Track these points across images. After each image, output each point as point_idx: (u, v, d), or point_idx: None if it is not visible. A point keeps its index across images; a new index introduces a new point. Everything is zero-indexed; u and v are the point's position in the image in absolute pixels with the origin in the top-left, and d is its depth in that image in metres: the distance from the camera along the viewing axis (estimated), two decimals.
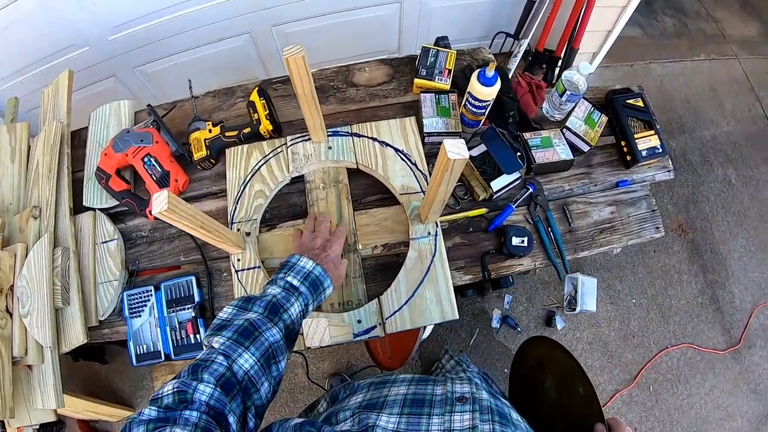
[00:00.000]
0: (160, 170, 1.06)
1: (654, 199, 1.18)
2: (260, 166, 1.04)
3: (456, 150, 0.65)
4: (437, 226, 0.97)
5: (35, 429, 1.08)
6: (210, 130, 1.11)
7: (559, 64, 1.99)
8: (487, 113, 1.10)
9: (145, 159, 1.06)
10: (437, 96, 1.12)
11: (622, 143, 1.18)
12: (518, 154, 1.06)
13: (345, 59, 1.74)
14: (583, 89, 1.12)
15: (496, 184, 1.04)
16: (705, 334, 2.09)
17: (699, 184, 2.35)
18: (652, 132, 1.18)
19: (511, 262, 1.05)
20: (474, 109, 1.05)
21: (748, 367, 2.09)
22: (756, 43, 2.81)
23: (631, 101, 1.21)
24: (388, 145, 1.04)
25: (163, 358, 0.98)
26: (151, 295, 1.01)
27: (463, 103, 1.08)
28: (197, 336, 0.98)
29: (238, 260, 0.96)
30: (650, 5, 2.78)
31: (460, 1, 1.87)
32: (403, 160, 1.03)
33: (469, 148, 1.08)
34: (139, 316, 1.01)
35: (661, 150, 1.16)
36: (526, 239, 1.03)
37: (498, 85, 1.01)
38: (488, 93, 1.00)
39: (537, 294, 2.08)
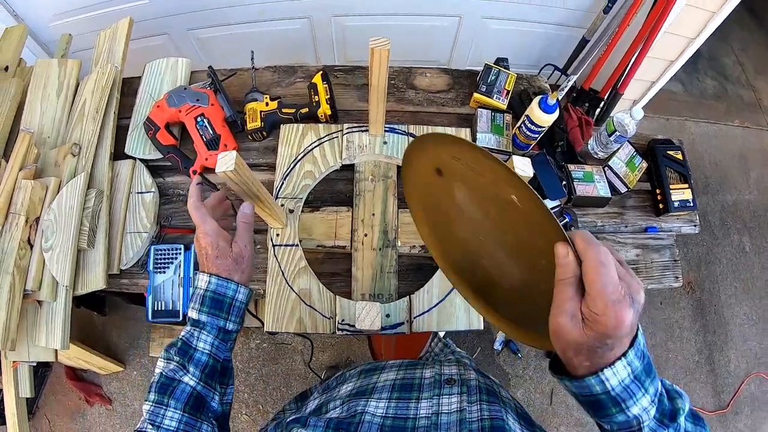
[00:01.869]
0: (211, 132, 1.08)
1: (678, 249, 1.22)
2: (313, 148, 1.07)
3: (523, 167, 0.69)
4: None
5: (31, 366, 1.09)
6: (267, 103, 1.13)
7: (602, 105, 2.04)
8: (538, 139, 1.13)
9: (198, 119, 1.08)
10: (493, 114, 1.15)
11: (657, 191, 1.23)
12: (563, 183, 1.09)
13: (394, 62, 1.79)
14: (631, 133, 1.16)
15: None
16: (696, 392, 2.12)
17: (714, 245, 2.40)
18: (687, 186, 1.22)
19: None
20: (528, 133, 1.09)
21: None
22: None
23: (671, 152, 1.26)
24: None
25: (180, 318, 0.99)
26: (180, 253, 1.03)
27: (518, 125, 1.12)
28: None
29: (277, 235, 0.99)
30: (694, 64, 2.84)
31: (518, 26, 1.91)
32: None
33: None
34: (164, 272, 1.02)
35: (692, 204, 1.20)
36: None
37: (557, 114, 1.04)
38: (546, 120, 1.04)
39: None
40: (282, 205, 1.02)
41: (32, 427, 1.75)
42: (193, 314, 0.63)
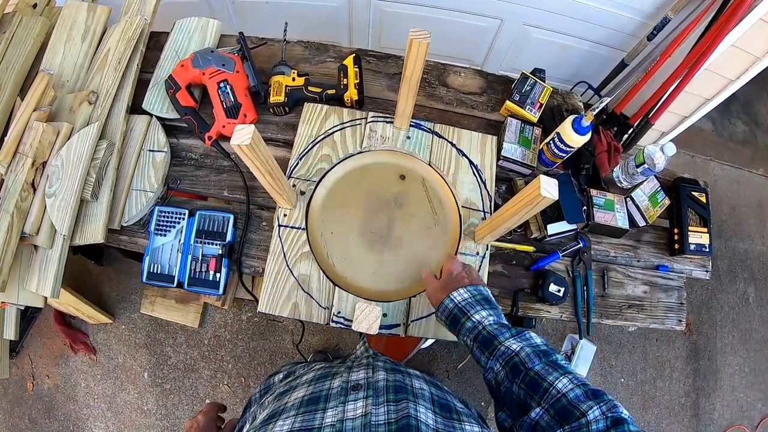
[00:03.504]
0: (232, 100, 1.05)
1: (686, 293, 1.19)
2: (334, 131, 1.04)
3: (549, 188, 0.66)
4: (487, 249, 0.97)
5: (19, 309, 1.07)
6: (294, 79, 1.10)
7: (630, 132, 1.99)
8: (565, 159, 1.10)
9: (221, 84, 1.05)
10: (523, 125, 1.11)
11: (675, 230, 1.19)
12: (584, 207, 1.06)
13: (429, 55, 1.74)
14: (660, 168, 1.12)
15: (553, 228, 1.04)
16: None
17: (718, 291, 2.36)
18: (706, 230, 1.19)
19: (540, 307, 1.05)
20: (557, 151, 1.05)
21: None
22: None
23: (695, 194, 1.22)
24: (464, 154, 1.04)
25: (174, 284, 0.97)
26: (183, 218, 1.00)
27: (546, 141, 1.08)
28: (217, 274, 0.96)
29: (285, 215, 0.96)
30: (728, 105, 2.77)
31: (558, 39, 1.86)
32: (474, 174, 1.03)
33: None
34: (164, 235, 1.00)
35: (708, 250, 1.17)
36: (563, 290, 1.03)
37: (588, 136, 1.01)
38: (578, 140, 1.00)
39: None
40: (294, 186, 0.99)
41: (13, 365, 1.76)
42: None
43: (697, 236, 1.17)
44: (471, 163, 1.04)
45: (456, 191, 1.01)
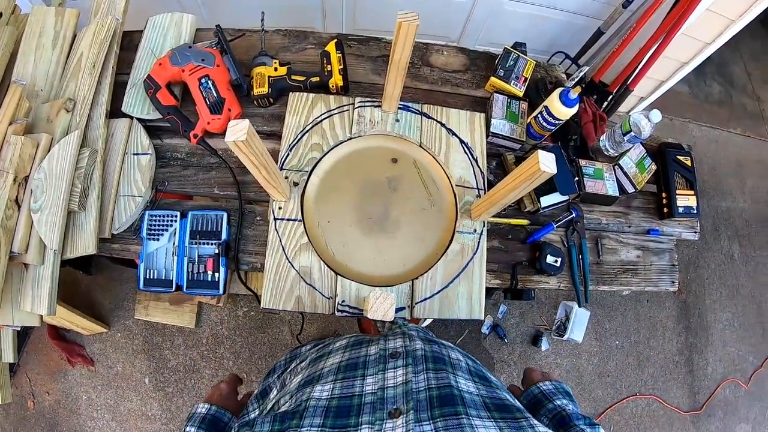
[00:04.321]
0: (215, 95, 1.03)
1: (677, 254, 1.22)
2: (323, 119, 1.03)
3: (548, 163, 0.67)
4: (484, 225, 0.98)
5: (15, 330, 1.05)
6: (276, 69, 1.08)
7: (610, 99, 2.01)
8: (553, 131, 1.11)
9: (202, 80, 1.03)
10: (509, 100, 1.12)
11: (663, 195, 1.22)
12: (575, 178, 1.07)
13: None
14: (646, 135, 1.14)
15: (546, 200, 1.06)
16: (673, 391, 2.17)
17: (704, 250, 2.43)
18: (692, 192, 1.22)
19: (539, 278, 1.07)
20: (545, 124, 1.06)
21: None
22: None
23: (681, 158, 1.25)
24: (454, 133, 1.04)
25: (173, 288, 0.96)
26: (176, 220, 0.98)
27: (534, 115, 1.09)
28: (215, 274, 0.95)
29: (279, 208, 0.96)
30: (703, 68, 2.81)
31: (533, 10, 1.86)
32: (465, 152, 1.03)
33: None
34: (157, 239, 0.97)
35: (695, 211, 1.20)
36: (560, 260, 1.05)
37: (576, 108, 1.02)
38: (566, 113, 1.01)
39: (531, 311, 2.13)
40: (286, 177, 0.98)
41: (12, 385, 1.72)
42: (190, 429, 0.67)
43: (685, 199, 1.21)
44: (461, 141, 1.04)
45: (449, 171, 1.01)
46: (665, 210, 1.20)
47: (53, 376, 1.74)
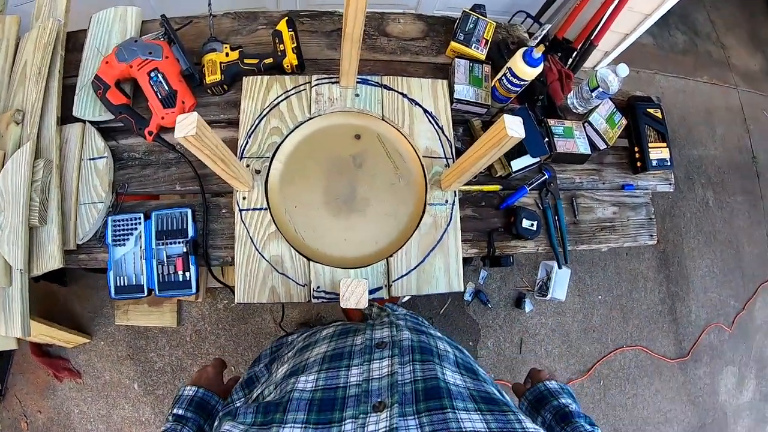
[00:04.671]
0: (166, 88, 0.96)
1: (653, 207, 1.20)
2: (280, 101, 0.97)
3: (515, 127, 0.63)
4: (455, 195, 0.94)
5: None
6: (227, 54, 1.01)
7: (575, 55, 1.97)
8: (519, 93, 1.06)
9: (152, 74, 0.96)
10: (471, 64, 1.07)
11: (635, 149, 1.20)
12: (545, 139, 1.04)
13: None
14: (614, 91, 1.11)
15: (517, 163, 1.02)
16: (659, 340, 2.21)
17: (679, 199, 2.44)
18: (665, 144, 1.20)
19: (516, 243, 1.04)
20: (510, 86, 1.01)
21: (691, 379, 2.24)
22: (757, 79, 2.91)
23: (651, 110, 1.22)
24: (417, 103, 0.99)
25: (145, 293, 0.91)
26: (140, 223, 0.93)
27: (498, 78, 1.04)
28: (186, 274, 0.91)
29: (244, 199, 0.91)
30: (666, 18, 2.77)
31: None
32: (430, 122, 0.98)
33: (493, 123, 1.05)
34: (124, 245, 0.92)
35: (669, 163, 1.19)
36: (535, 223, 1.02)
37: (541, 67, 0.97)
38: (531, 73, 0.97)
39: (512, 274, 2.12)
40: (248, 166, 0.92)
41: (3, 409, 1.67)
42: (178, 411, 0.67)
43: (658, 152, 1.19)
44: (425, 111, 0.99)
45: (414, 142, 0.97)
46: (639, 164, 1.19)
47: (43, 393, 1.69)
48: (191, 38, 1.08)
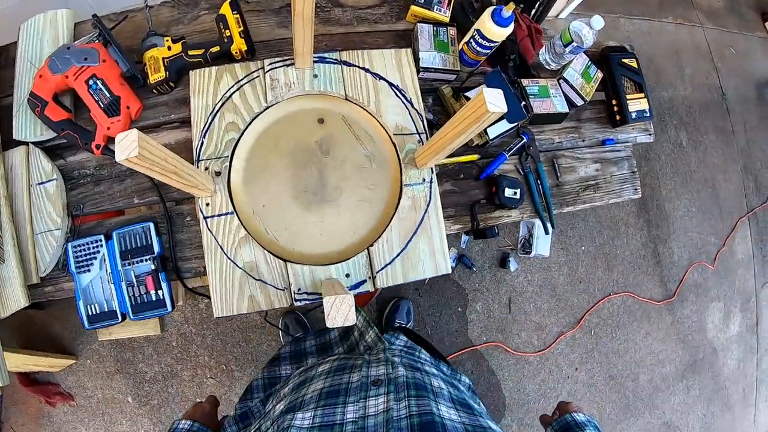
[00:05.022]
0: (108, 95, 0.84)
1: (635, 160, 1.14)
2: (232, 93, 0.85)
3: (496, 102, 0.54)
4: (432, 172, 0.85)
5: None
6: (169, 48, 0.89)
7: (537, 6, 1.84)
8: (489, 55, 0.96)
9: (90, 81, 0.84)
10: (435, 28, 0.95)
11: (614, 102, 1.12)
12: (522, 103, 0.94)
13: None
14: (589, 44, 1.01)
15: (494, 130, 0.93)
16: (644, 284, 2.19)
17: (653, 142, 2.35)
18: (643, 95, 1.13)
19: (500, 213, 0.96)
20: (479, 48, 0.91)
21: (680, 319, 2.23)
22: (721, 15, 2.81)
23: (626, 61, 1.14)
24: (381, 77, 0.88)
25: (120, 318, 0.82)
26: (101, 245, 0.83)
27: (465, 41, 0.94)
28: (159, 292, 0.81)
29: (207, 205, 0.80)
30: None
31: None
32: (397, 96, 0.88)
33: (466, 89, 0.95)
34: (89, 270, 0.83)
35: (648, 114, 1.11)
36: (518, 191, 0.94)
37: (511, 27, 0.87)
38: (501, 33, 0.86)
39: None
40: (206, 169, 0.82)
41: None
42: None
43: (636, 103, 1.11)
44: (391, 84, 0.88)
45: (383, 120, 0.86)
46: (618, 117, 1.10)
47: (38, 422, 1.60)
48: (129, 35, 0.94)
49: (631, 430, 2.07)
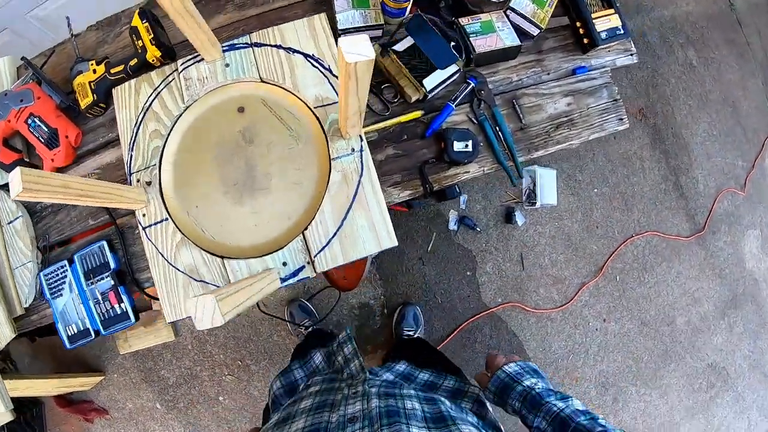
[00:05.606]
0: (46, 129, 0.82)
1: (616, 87, 0.94)
2: (151, 102, 0.78)
3: (355, 50, 0.43)
4: (362, 140, 0.74)
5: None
6: (94, 71, 0.84)
7: None
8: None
9: (29, 120, 0.82)
10: None
11: (578, 24, 0.92)
12: (452, 44, 0.80)
13: None
14: None
15: (430, 81, 0.80)
16: (669, 221, 1.91)
17: (659, 66, 2.04)
18: (612, 11, 0.92)
19: (455, 171, 0.83)
20: None
21: (713, 253, 1.94)
22: None
23: None
24: (295, 51, 0.78)
25: (93, 335, 0.82)
26: (67, 269, 0.82)
27: None
28: (122, 305, 0.79)
29: (144, 215, 0.75)
30: None
31: None
32: (314, 66, 0.77)
33: (395, 42, 0.82)
34: (61, 295, 0.82)
35: (622, 31, 0.91)
36: (470, 143, 0.80)
37: None
38: None
39: (493, 190, 1.80)
40: (138, 181, 0.76)
41: None
42: None
43: (605, 21, 0.91)
44: (306, 56, 0.77)
45: (301, 94, 0.76)
46: (585, 41, 0.91)
47: None
48: (63, 67, 0.91)
49: (672, 378, 1.83)
